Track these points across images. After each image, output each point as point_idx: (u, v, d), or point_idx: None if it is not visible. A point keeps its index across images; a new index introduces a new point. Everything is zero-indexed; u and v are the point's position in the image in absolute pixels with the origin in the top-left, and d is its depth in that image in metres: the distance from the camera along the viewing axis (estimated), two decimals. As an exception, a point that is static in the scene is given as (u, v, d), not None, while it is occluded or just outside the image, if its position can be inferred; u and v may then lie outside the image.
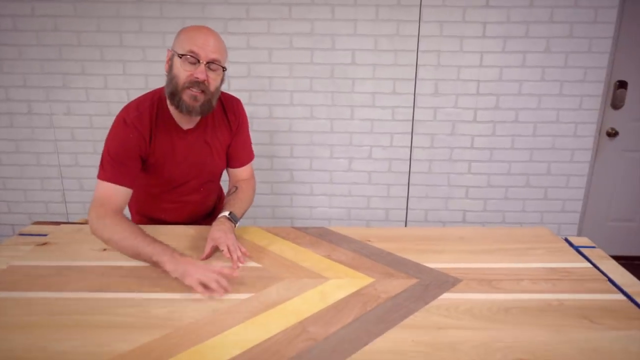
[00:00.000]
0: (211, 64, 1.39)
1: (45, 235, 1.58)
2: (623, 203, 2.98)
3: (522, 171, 2.77)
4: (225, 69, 1.45)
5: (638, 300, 1.23)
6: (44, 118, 2.72)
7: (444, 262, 1.43)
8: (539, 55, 2.58)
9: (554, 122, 2.68)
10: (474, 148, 2.73)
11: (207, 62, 1.37)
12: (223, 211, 1.54)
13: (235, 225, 1.53)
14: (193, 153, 1.55)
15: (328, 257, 1.44)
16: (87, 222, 1.42)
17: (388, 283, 1.30)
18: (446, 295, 1.25)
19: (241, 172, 1.70)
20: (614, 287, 1.31)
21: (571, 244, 1.59)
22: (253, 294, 1.24)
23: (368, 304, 1.20)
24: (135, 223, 1.38)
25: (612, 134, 2.85)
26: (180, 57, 1.37)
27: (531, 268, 1.40)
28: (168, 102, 1.47)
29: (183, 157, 1.54)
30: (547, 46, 2.56)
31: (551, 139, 2.71)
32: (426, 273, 1.36)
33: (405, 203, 2.84)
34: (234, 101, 1.63)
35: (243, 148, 1.68)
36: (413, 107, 2.68)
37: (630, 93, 2.76)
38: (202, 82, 1.37)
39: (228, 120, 1.60)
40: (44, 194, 2.85)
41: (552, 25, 2.53)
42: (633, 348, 1.05)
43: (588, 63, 2.58)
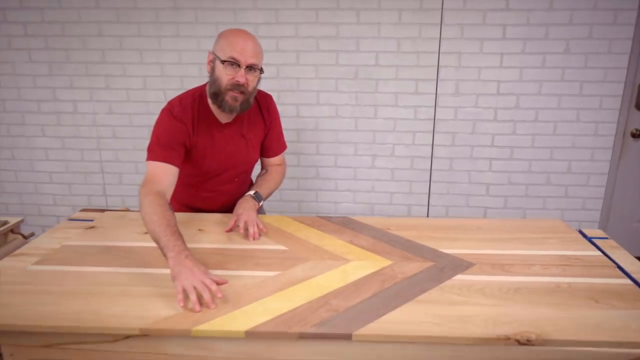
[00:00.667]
0: (250, 68, 1.52)
1: (91, 220, 1.73)
2: (649, 204, 2.96)
3: (543, 169, 2.80)
4: (262, 71, 1.58)
5: (645, 285, 1.28)
6: (88, 117, 2.91)
7: (460, 249, 1.51)
8: (559, 56, 2.62)
9: (574, 122, 2.71)
10: (495, 146, 2.78)
11: (247, 66, 1.51)
12: (250, 190, 1.70)
13: (259, 204, 1.67)
14: (230, 145, 1.69)
15: (350, 243, 1.55)
16: (128, 210, 1.55)
17: (405, 265, 1.40)
18: (460, 276, 1.34)
19: (274, 160, 1.85)
20: (622, 273, 1.36)
21: (584, 235, 1.64)
22: (280, 272, 1.35)
23: (386, 282, 1.29)
24: (174, 211, 1.45)
25: (637, 135, 2.86)
26: (222, 63, 1.50)
27: (543, 255, 1.47)
28: (209, 100, 1.61)
29: (221, 149, 1.67)
30: (567, 47, 2.60)
31: (571, 138, 2.74)
32: (442, 257, 1.45)
33: (426, 199, 2.92)
34: (268, 98, 1.76)
35: (276, 140, 1.82)
36: (434, 107, 2.75)
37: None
38: (242, 85, 1.51)
39: (263, 116, 1.74)
40: (87, 188, 3.04)
41: (572, 27, 2.57)
42: (633, 324, 1.11)
43: (608, 64, 2.61)
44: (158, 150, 1.53)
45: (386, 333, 1.08)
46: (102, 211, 1.84)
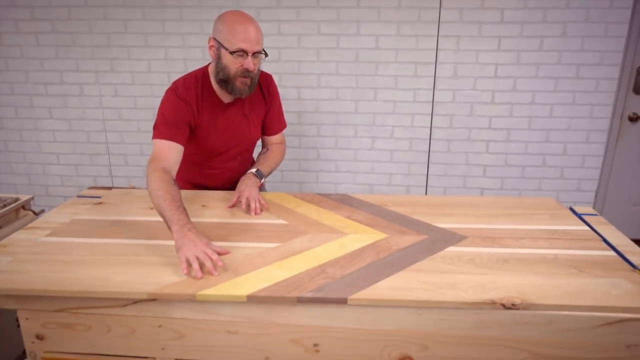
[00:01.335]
0: (255, 54, 1.58)
1: (99, 197, 1.80)
2: (645, 187, 3.00)
3: (539, 151, 2.85)
4: (267, 55, 1.63)
5: (628, 257, 1.35)
6: (94, 99, 2.96)
7: (453, 223, 1.57)
8: (556, 39, 2.65)
9: (570, 104, 2.75)
10: (492, 128, 2.83)
11: (253, 54, 1.56)
12: (252, 168, 1.76)
13: (260, 180, 1.74)
14: (233, 124, 1.75)
15: (348, 218, 1.61)
16: (135, 188, 1.61)
17: (400, 238, 1.46)
18: (451, 248, 1.40)
19: (274, 139, 1.91)
20: (607, 246, 1.42)
21: (575, 212, 1.69)
22: (280, 244, 1.42)
23: (381, 253, 1.36)
24: (179, 187, 1.51)
25: (634, 119, 2.90)
26: (232, 54, 1.54)
27: (533, 229, 1.53)
28: (212, 81, 1.67)
29: (224, 128, 1.73)
30: (564, 30, 2.63)
31: (567, 120, 2.78)
32: (435, 231, 1.51)
33: (425, 180, 2.97)
34: (268, 78, 1.82)
35: (277, 119, 1.88)
36: (433, 89, 2.80)
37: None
38: (251, 71, 1.57)
39: (263, 95, 1.80)
40: (93, 169, 3.11)
41: (569, 10, 2.60)
42: (614, 291, 1.18)
43: (604, 47, 2.63)
44: (164, 128, 1.58)
45: (379, 298, 1.15)
46: (109, 189, 1.91)
